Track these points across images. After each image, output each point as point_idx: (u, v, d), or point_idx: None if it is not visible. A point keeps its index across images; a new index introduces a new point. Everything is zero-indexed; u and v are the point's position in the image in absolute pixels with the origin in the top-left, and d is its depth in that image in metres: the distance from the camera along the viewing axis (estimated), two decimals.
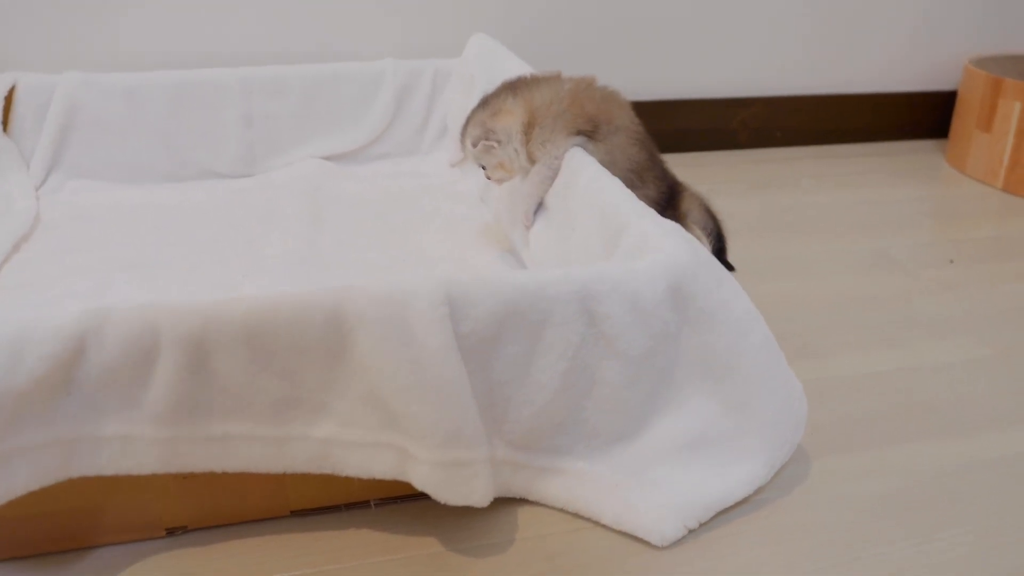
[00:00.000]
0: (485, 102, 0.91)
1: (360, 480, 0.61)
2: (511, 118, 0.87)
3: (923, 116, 1.68)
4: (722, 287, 0.63)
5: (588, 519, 0.64)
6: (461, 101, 1.23)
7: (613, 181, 0.78)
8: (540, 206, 0.90)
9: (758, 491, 0.67)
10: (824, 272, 1.08)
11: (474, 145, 0.88)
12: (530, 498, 0.66)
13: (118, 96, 1.24)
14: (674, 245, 0.63)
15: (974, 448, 0.74)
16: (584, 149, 0.87)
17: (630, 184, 0.89)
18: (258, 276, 0.98)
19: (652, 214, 0.69)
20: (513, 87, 0.90)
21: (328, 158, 1.34)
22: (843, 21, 1.56)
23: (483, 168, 0.90)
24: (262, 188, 1.26)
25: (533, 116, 0.87)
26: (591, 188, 0.79)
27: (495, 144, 0.87)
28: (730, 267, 0.93)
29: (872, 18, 1.58)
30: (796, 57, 1.57)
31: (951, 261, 1.11)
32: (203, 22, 1.33)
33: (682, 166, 1.03)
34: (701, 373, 0.64)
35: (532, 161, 0.89)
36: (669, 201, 0.91)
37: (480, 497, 0.59)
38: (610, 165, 0.88)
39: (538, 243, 0.88)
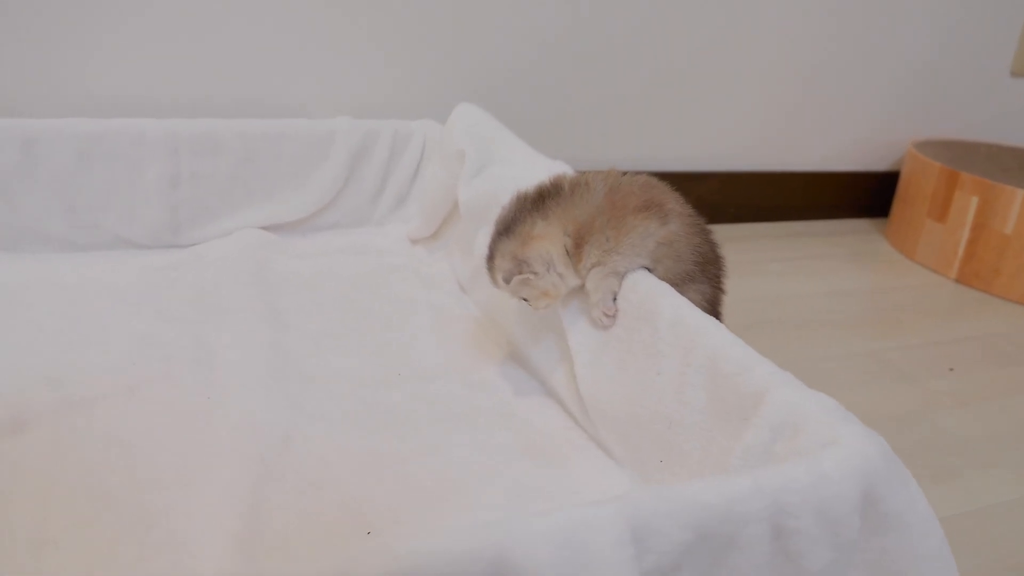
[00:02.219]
0: (508, 228, 0.75)
1: None
2: (546, 243, 0.74)
3: (860, 195, 1.70)
4: (908, 486, 0.53)
5: None
6: (443, 177, 1.08)
7: (709, 319, 0.67)
8: (585, 331, 0.77)
9: None
10: (836, 383, 1.02)
11: (507, 281, 0.74)
12: None
13: (14, 145, 0.99)
14: (858, 437, 0.52)
15: None
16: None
17: (690, 277, 0.78)
18: (226, 397, 0.78)
19: (790, 378, 0.59)
20: (539, 205, 0.76)
21: (267, 228, 1.15)
22: (793, 101, 1.55)
23: (524, 300, 0.76)
24: (192, 264, 1.05)
25: (580, 236, 0.74)
26: (682, 325, 0.67)
27: (532, 276, 0.73)
28: None
29: (817, 101, 1.58)
30: (749, 134, 1.54)
31: (951, 369, 1.09)
32: (123, 63, 1.10)
33: None
34: None
35: (581, 278, 0.76)
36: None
37: None
38: (675, 261, 0.77)
39: (593, 375, 0.75)
